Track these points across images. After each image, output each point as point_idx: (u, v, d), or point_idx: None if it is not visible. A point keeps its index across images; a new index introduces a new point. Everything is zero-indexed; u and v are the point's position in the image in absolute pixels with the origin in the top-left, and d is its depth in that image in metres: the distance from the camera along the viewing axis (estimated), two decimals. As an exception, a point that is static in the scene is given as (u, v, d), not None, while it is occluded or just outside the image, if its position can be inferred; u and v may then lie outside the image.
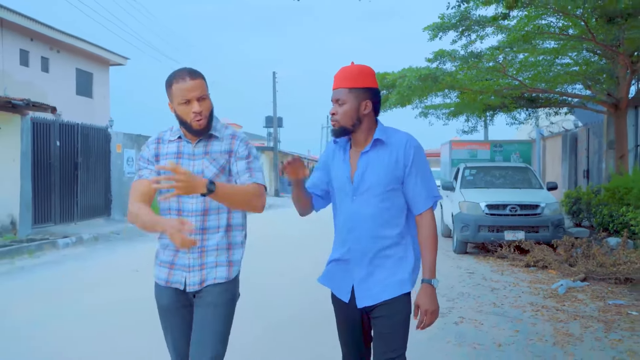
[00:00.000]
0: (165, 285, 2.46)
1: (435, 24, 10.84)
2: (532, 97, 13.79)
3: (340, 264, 2.48)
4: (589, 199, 12.13)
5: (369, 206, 2.38)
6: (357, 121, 2.40)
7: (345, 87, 2.39)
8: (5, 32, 16.81)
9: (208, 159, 2.44)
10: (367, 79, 2.41)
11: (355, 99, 2.38)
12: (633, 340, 4.71)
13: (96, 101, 21.75)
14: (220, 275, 2.43)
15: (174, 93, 2.37)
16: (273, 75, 35.04)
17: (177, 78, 2.38)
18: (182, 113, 2.38)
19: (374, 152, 2.41)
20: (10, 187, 11.02)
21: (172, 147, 2.48)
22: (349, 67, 2.43)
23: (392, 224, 2.40)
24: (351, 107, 2.38)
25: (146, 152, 2.52)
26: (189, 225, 2.13)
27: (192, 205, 2.43)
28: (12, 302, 6.12)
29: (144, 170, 2.49)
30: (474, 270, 8.25)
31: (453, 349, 4.53)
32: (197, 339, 2.39)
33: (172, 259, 2.45)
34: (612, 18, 8.85)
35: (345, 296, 2.44)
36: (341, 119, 2.40)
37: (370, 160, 2.40)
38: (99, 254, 9.71)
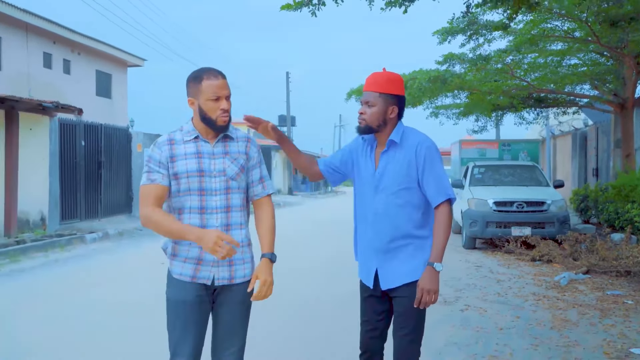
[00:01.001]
0: (190, 281, 2.47)
1: (444, 29, 11.26)
2: (540, 97, 14.14)
3: (365, 252, 2.73)
4: (597, 197, 12.44)
5: (387, 202, 2.61)
6: (382, 123, 2.64)
7: (375, 91, 2.62)
8: (30, 35, 17.41)
9: (229, 159, 2.50)
10: (396, 86, 2.65)
11: (383, 103, 2.61)
12: (625, 325, 5.11)
13: (115, 102, 22.34)
14: (248, 273, 2.54)
15: (204, 89, 2.41)
16: (286, 76, 35.53)
17: (207, 75, 2.43)
18: (209, 109, 2.42)
19: (391, 152, 2.65)
20: (40, 185, 11.61)
21: (190, 147, 2.48)
22: (381, 73, 2.67)
23: (408, 218, 2.61)
24: (379, 110, 2.62)
25: (157, 154, 2.47)
26: (230, 241, 2.29)
27: (216, 203, 2.48)
28: (58, 291, 6.64)
29: (156, 174, 2.45)
30: (482, 263, 8.66)
31: (457, 331, 4.96)
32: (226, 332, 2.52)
33: (199, 255, 2.46)
34: (616, 22, 9.18)
35: (370, 282, 2.69)
36: (369, 119, 2.63)
37: (388, 160, 2.65)
38: (125, 248, 10.26)
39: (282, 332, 4.91)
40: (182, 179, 2.45)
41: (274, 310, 5.30)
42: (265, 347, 4.36)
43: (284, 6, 5.70)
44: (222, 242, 2.28)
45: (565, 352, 4.36)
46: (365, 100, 2.64)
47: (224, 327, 2.52)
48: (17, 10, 16.22)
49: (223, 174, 2.48)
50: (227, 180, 2.49)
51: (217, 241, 2.27)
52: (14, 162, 10.74)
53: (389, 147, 2.65)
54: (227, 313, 2.51)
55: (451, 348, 4.49)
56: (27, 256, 9.05)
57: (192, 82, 2.46)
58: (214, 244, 2.27)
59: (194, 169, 2.45)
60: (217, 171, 2.47)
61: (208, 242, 2.28)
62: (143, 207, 2.43)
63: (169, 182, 2.46)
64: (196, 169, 2.45)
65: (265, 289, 2.49)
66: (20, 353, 4.37)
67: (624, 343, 4.57)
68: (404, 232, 2.62)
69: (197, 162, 2.45)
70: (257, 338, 4.30)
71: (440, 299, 6.18)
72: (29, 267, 8.17)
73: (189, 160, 2.45)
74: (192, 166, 2.45)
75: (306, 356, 4.31)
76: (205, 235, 2.31)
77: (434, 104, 14.66)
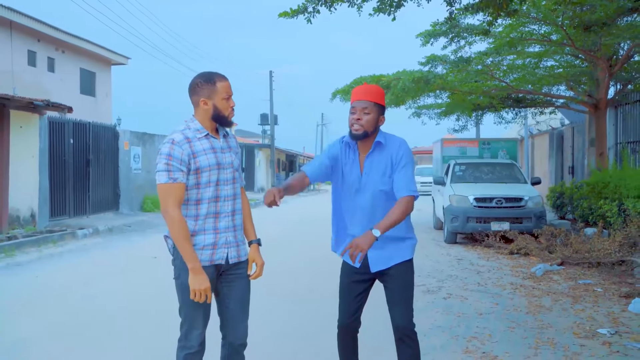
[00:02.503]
0: (209, 265, 2.75)
1: (427, 31, 11.68)
2: (518, 97, 14.65)
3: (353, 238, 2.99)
4: (572, 194, 12.95)
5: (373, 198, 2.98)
6: (374, 130, 3.00)
7: (371, 100, 2.97)
8: (15, 33, 17.43)
9: (233, 152, 2.85)
10: (383, 98, 3.04)
11: (377, 111, 2.98)
12: (594, 310, 5.54)
13: (99, 100, 22.39)
14: (247, 252, 2.93)
15: (218, 89, 2.73)
16: (270, 74, 35.74)
17: (219, 77, 2.75)
18: (223, 107, 2.75)
19: (375, 153, 3.00)
20: (30, 182, 11.75)
21: (204, 143, 2.74)
22: (372, 86, 3.05)
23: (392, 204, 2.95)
24: (373, 117, 2.97)
25: (178, 152, 2.66)
26: (209, 293, 2.68)
27: (227, 192, 2.81)
28: (59, 283, 6.87)
29: (177, 172, 2.66)
30: (462, 257, 9.07)
31: (440, 317, 5.34)
32: (240, 306, 2.85)
33: (214, 241, 2.76)
34: (589, 26, 9.65)
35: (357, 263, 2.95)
36: (366, 125, 2.95)
37: (372, 161, 3.01)
38: (116, 244, 10.48)
39: (278, 327, 5.23)
40: (204, 173, 2.71)
41: (271, 305, 5.62)
42: (263, 341, 4.68)
43: (282, 14, 6.03)
44: (204, 294, 2.66)
45: (538, 333, 4.76)
46: (362, 108, 2.95)
47: (238, 302, 2.86)
48: (1, 8, 16.25)
49: (231, 165, 2.81)
50: (234, 172, 2.83)
51: (205, 290, 2.65)
52: (4, 159, 10.88)
53: (374, 148, 2.99)
54: (238, 288, 2.86)
55: (435, 331, 4.86)
56: (21, 251, 9.24)
57: (205, 85, 2.72)
58: (202, 290, 2.65)
59: (214, 163, 2.75)
60: (227, 163, 2.80)
61: (199, 283, 2.65)
62: (169, 206, 2.65)
63: (187, 178, 2.70)
64: (215, 162, 2.75)
65: (261, 270, 2.95)
66: (27, 341, 4.62)
67: (592, 325, 4.99)
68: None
69: (215, 156, 2.75)
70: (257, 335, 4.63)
71: (424, 288, 6.56)
72: (25, 261, 8.38)
73: (208, 155, 2.73)
74: (213, 160, 2.74)
75: (306, 349, 4.64)
76: (201, 275, 2.66)
77: (417, 104, 15.09)
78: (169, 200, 2.65)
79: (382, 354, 4.12)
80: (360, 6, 6.14)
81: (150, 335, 4.67)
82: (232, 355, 2.90)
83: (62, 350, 4.35)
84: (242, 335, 2.88)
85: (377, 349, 4.18)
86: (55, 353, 4.28)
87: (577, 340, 4.56)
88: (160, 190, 2.67)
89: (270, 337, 4.61)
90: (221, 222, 2.78)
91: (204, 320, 2.79)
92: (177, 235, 2.65)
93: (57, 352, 4.30)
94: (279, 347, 4.41)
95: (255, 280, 2.95)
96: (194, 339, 2.75)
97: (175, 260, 2.78)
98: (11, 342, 4.53)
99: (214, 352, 2.99)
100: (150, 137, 17.79)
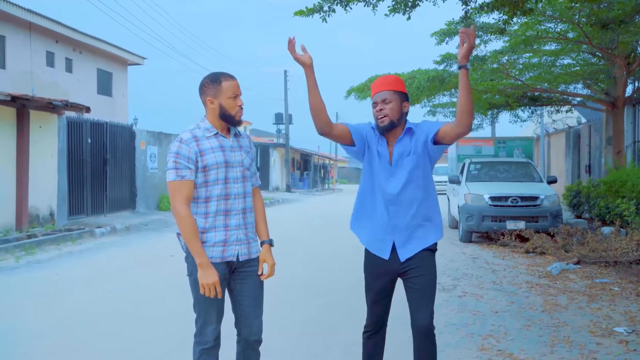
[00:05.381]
0: (220, 262, 2.80)
1: (442, 30, 11.66)
2: (534, 96, 14.56)
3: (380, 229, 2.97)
4: (588, 192, 12.86)
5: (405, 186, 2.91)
6: (400, 117, 2.94)
7: (389, 90, 2.92)
8: (34, 35, 17.70)
9: (244, 152, 2.90)
10: (401, 85, 2.98)
11: (398, 98, 2.92)
12: (610, 309, 5.51)
13: (116, 100, 22.64)
14: (258, 249, 2.96)
15: (224, 89, 2.77)
16: (284, 74, 35.83)
17: (225, 76, 2.80)
18: (230, 106, 2.78)
19: (406, 140, 2.94)
20: (49, 181, 11.94)
21: (213, 142, 2.79)
22: (388, 76, 3.01)
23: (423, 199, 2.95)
24: (396, 105, 2.91)
25: (185, 150, 2.73)
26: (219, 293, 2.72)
27: (237, 190, 2.85)
28: (80, 280, 7.00)
29: (185, 170, 2.73)
30: (478, 255, 9.05)
31: (455, 315, 5.35)
32: (254, 302, 2.89)
33: (224, 238, 2.80)
34: (606, 24, 9.58)
35: (386, 253, 2.95)
36: (391, 114, 2.90)
37: (403, 148, 2.94)
38: (134, 242, 10.61)
39: (300, 318, 5.28)
40: (212, 170, 2.76)
41: (293, 297, 5.68)
42: (285, 331, 4.73)
43: (297, 12, 6.08)
44: (214, 289, 2.70)
45: (554, 331, 4.75)
46: (382, 99, 2.91)
47: (251, 298, 2.89)
48: (21, 9, 16.51)
49: (241, 164, 2.86)
50: (244, 170, 2.87)
51: (214, 283, 2.69)
52: (24, 159, 11.06)
53: (405, 134, 2.93)
54: (251, 285, 2.90)
55: (450, 329, 4.87)
56: (41, 249, 9.40)
57: (211, 84, 2.78)
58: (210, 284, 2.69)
59: (222, 161, 2.79)
60: (236, 162, 2.84)
61: (207, 277, 2.69)
62: (177, 203, 2.72)
63: (195, 176, 2.76)
64: (223, 160, 2.80)
65: (273, 270, 2.97)
66: (47, 335, 4.73)
67: (609, 324, 4.97)
68: (422, 213, 2.94)
69: (223, 154, 2.80)
70: (274, 328, 4.69)
71: (439, 287, 6.57)
72: (45, 259, 8.53)
73: (216, 153, 2.78)
74: (220, 158, 2.79)
75: (322, 341, 4.68)
76: (209, 269, 2.70)
77: (432, 103, 15.07)
78: (177, 197, 2.72)
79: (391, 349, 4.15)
80: (376, 5, 6.17)
81: (168, 331, 4.75)
82: (246, 351, 2.93)
83: (79, 343, 4.44)
84: (256, 331, 2.90)
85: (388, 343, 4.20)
86: (72, 346, 4.37)
87: (594, 338, 4.55)
88: (170, 188, 2.75)
89: (291, 328, 4.66)
90: (232, 219, 2.82)
91: (218, 316, 2.84)
92: (184, 231, 2.72)
93: (75, 346, 4.39)
94: (301, 338, 4.46)
95: (278, 273, 2.97)
96: (209, 334, 2.81)
97: (187, 257, 2.83)
98: (31, 336, 4.63)
99: (231, 348, 3.03)
100: (166, 136, 17.97)
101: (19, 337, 4.62)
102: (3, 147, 10.71)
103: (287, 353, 4.23)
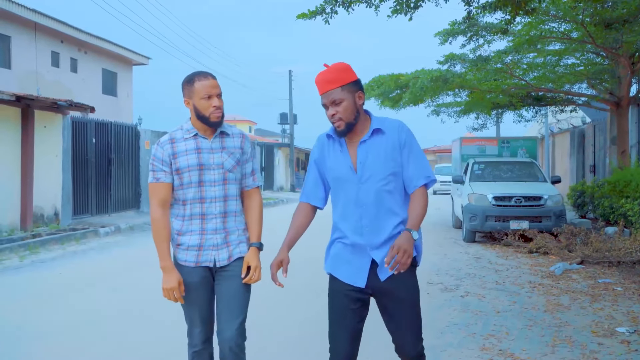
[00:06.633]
0: (194, 266, 2.74)
1: (445, 30, 11.67)
2: (538, 95, 14.54)
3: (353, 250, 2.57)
4: (593, 192, 12.83)
5: (376, 190, 2.51)
6: (357, 113, 2.53)
7: (336, 87, 2.49)
8: (39, 35, 17.78)
9: (226, 153, 2.76)
10: (349, 73, 2.53)
11: (349, 94, 2.50)
12: (613, 309, 5.51)
13: (120, 100, 22.71)
14: (243, 250, 2.81)
15: (196, 89, 2.67)
16: (289, 74, 35.86)
17: (199, 76, 2.69)
18: (203, 107, 2.67)
19: (373, 140, 2.54)
20: (53, 181, 12.01)
21: (190, 144, 2.73)
22: (330, 69, 2.54)
23: (399, 203, 2.55)
24: (349, 103, 2.50)
25: (160, 153, 2.73)
26: (178, 298, 2.68)
27: (214, 193, 2.74)
28: (84, 280, 7.04)
29: (160, 172, 2.72)
30: (481, 255, 9.05)
31: (458, 314, 5.35)
32: (227, 306, 2.72)
33: (199, 242, 2.73)
34: (610, 24, 9.56)
35: (362, 282, 2.53)
36: (344, 117, 2.49)
37: (369, 148, 2.53)
38: (137, 242, 10.66)
39: (300, 317, 5.30)
40: (185, 173, 2.71)
41: (292, 297, 5.70)
42: (285, 330, 4.75)
43: (300, 15, 6.10)
44: (173, 294, 2.68)
45: (556, 331, 4.75)
46: (331, 101, 2.50)
47: (225, 301, 2.75)
48: (27, 10, 16.58)
49: (221, 167, 2.75)
50: (225, 173, 2.76)
51: (173, 288, 2.67)
52: (29, 158, 11.12)
53: (372, 135, 2.55)
54: (227, 287, 2.76)
55: (452, 328, 4.88)
56: (45, 248, 9.45)
57: (186, 85, 2.73)
58: (168, 289, 2.67)
59: (194, 164, 2.71)
60: (215, 164, 2.73)
61: (167, 282, 2.68)
62: (152, 205, 2.75)
63: (172, 179, 2.74)
64: (196, 163, 2.71)
65: (256, 274, 2.78)
66: (50, 334, 4.76)
67: (611, 324, 4.96)
68: (402, 218, 2.55)
69: (197, 157, 2.72)
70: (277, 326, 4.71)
71: (442, 286, 6.58)
72: (49, 259, 8.58)
73: (189, 156, 2.72)
74: (193, 161, 2.71)
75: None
76: (170, 274, 2.68)
77: (436, 102, 15.07)
78: (153, 199, 2.74)
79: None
80: (378, 6, 6.17)
81: (172, 331, 4.77)
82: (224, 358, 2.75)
83: (83, 343, 4.47)
84: (229, 337, 2.70)
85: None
86: (76, 346, 4.40)
87: (596, 338, 4.55)
88: (148, 190, 2.79)
89: (292, 328, 4.67)
90: (208, 223, 2.74)
91: (202, 319, 2.79)
92: (153, 232, 2.73)
93: (78, 345, 4.42)
94: (301, 339, 4.47)
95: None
96: (196, 337, 2.80)
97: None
98: (36, 335, 4.66)
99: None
100: (170, 136, 18.00)
101: (24, 336, 4.66)
102: (8, 147, 10.77)
103: (287, 353, 4.25)
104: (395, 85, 12.87)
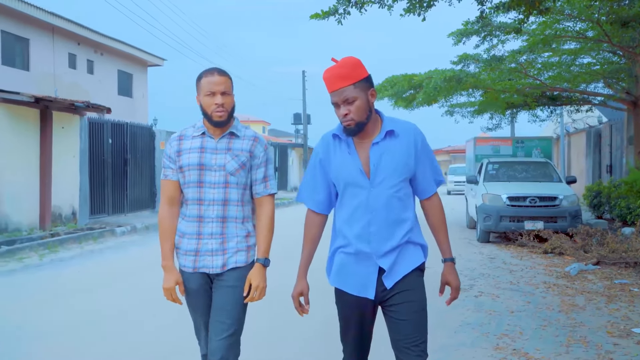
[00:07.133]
0: (192, 272, 2.66)
1: (458, 30, 11.65)
2: (553, 95, 14.44)
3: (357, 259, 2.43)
4: (609, 193, 12.71)
5: (387, 197, 2.37)
6: (370, 112, 2.38)
7: (348, 85, 2.33)
8: (57, 37, 18.02)
9: (230, 155, 2.63)
10: (361, 69, 2.37)
11: (362, 91, 2.34)
12: (629, 310, 5.48)
13: (136, 100, 22.93)
14: (240, 260, 2.65)
15: (202, 86, 2.60)
16: (302, 74, 35.94)
17: (206, 73, 2.62)
18: (206, 105, 2.58)
19: (386, 142, 2.39)
20: (71, 181, 12.18)
21: (195, 142, 2.64)
22: (341, 64, 2.37)
23: (408, 209, 2.44)
24: (363, 102, 2.34)
25: (168, 150, 2.70)
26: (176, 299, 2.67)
27: (213, 195, 2.62)
28: (102, 278, 7.14)
29: (168, 169, 2.68)
30: (495, 256, 9.02)
31: (472, 314, 5.36)
32: (216, 318, 2.61)
33: (196, 247, 2.63)
34: (627, 22, 9.48)
35: (371, 293, 2.40)
36: (357, 116, 2.34)
37: (383, 151, 2.38)
38: (153, 241, 10.74)
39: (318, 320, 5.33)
40: (186, 172, 2.63)
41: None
42: (300, 335, 4.79)
43: (313, 15, 6.15)
44: (170, 295, 2.66)
45: (571, 332, 4.74)
46: (344, 99, 2.34)
47: (215, 313, 2.64)
48: (45, 12, 16.82)
49: (223, 168, 2.61)
50: (226, 175, 2.61)
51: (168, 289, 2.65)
52: (48, 159, 11.30)
53: (386, 137, 2.40)
54: (219, 297, 2.64)
55: (465, 328, 4.89)
56: (64, 247, 9.61)
57: (197, 81, 2.67)
58: (166, 289, 2.65)
59: (194, 163, 2.62)
60: (217, 166, 2.61)
61: (165, 282, 2.65)
62: (160, 202, 2.75)
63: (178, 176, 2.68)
64: (197, 162, 2.62)
65: (257, 294, 2.63)
66: (66, 330, 4.85)
67: (627, 324, 4.94)
68: (410, 225, 2.44)
69: (199, 156, 2.62)
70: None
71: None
72: (67, 257, 8.72)
73: (192, 154, 2.63)
74: (194, 160, 2.62)
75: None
76: (169, 274, 2.66)
77: (449, 103, 15.03)
78: (162, 197, 2.73)
79: None
80: (391, 6, 6.20)
81: (189, 329, 4.83)
82: None
83: (100, 340, 4.56)
84: (213, 350, 2.58)
85: None
86: (92, 343, 4.49)
87: (611, 339, 4.54)
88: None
89: (307, 331, 4.71)
90: (205, 227, 2.63)
91: (204, 324, 2.73)
92: (159, 231, 2.72)
93: (95, 342, 4.50)
94: (315, 340, 4.51)
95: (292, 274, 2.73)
96: (202, 341, 2.78)
97: None
98: (56, 332, 4.75)
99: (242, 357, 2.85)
100: (185, 137, 18.15)
101: (42, 333, 4.75)
102: (27, 148, 10.95)
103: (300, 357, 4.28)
104: (409, 86, 12.87)
